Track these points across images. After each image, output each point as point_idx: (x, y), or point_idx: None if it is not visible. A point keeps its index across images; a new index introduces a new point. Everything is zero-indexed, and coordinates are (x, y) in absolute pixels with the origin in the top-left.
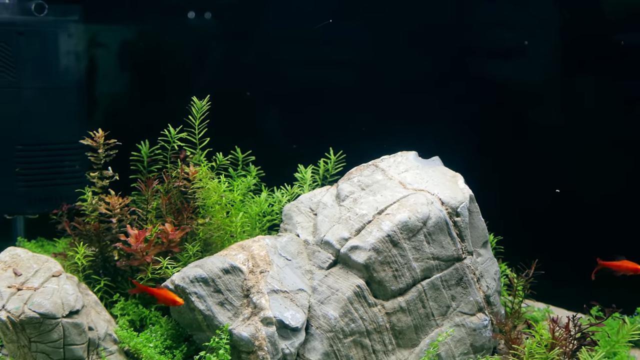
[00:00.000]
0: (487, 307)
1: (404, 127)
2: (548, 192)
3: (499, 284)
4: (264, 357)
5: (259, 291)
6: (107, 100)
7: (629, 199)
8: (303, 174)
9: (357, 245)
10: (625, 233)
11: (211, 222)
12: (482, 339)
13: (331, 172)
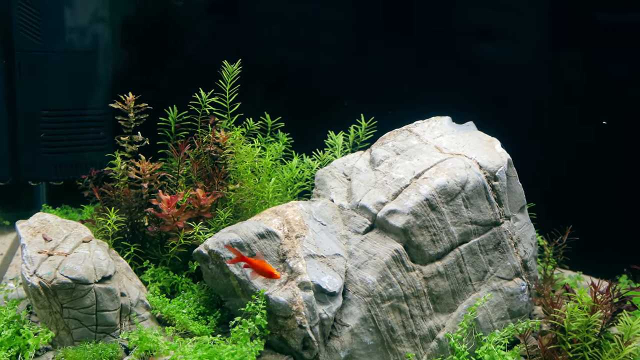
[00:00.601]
0: (524, 272)
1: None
2: (579, 161)
3: (535, 249)
4: (301, 322)
5: (295, 256)
6: (133, 65)
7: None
8: (334, 140)
9: (395, 209)
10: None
11: (242, 187)
12: (520, 304)
13: (361, 139)
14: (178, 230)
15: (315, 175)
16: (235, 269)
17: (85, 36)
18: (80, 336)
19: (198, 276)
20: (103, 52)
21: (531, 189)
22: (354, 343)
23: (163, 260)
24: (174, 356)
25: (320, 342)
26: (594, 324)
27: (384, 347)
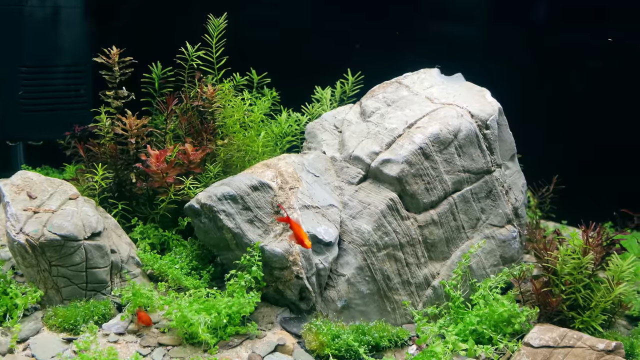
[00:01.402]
0: (516, 219)
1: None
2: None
3: (525, 197)
4: (298, 272)
5: (290, 207)
6: (115, 20)
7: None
8: (321, 94)
9: (389, 158)
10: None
11: (232, 142)
12: (512, 250)
13: (348, 94)
14: (167, 185)
15: (305, 128)
16: (229, 221)
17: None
18: (69, 295)
19: (189, 232)
20: (83, 7)
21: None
22: (350, 292)
23: (152, 218)
24: (169, 310)
25: (317, 293)
26: (586, 266)
27: (380, 295)
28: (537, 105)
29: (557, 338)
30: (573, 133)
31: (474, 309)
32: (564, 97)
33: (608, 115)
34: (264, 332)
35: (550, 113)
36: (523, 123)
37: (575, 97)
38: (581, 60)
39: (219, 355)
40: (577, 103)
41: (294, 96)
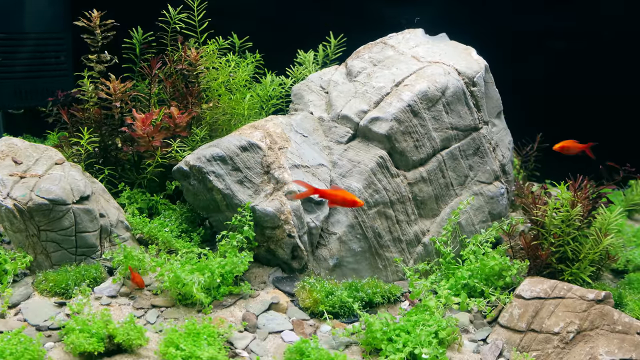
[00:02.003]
0: (503, 175)
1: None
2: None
3: (512, 154)
4: (290, 231)
5: (280, 166)
6: None
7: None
8: (304, 57)
9: (378, 116)
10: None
11: (217, 106)
12: (499, 207)
13: (331, 57)
14: (154, 149)
15: (291, 90)
16: (219, 182)
17: None
18: (59, 259)
19: (177, 196)
20: None
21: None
22: (342, 250)
23: (139, 183)
24: (162, 272)
25: (308, 252)
26: (575, 218)
27: (371, 253)
28: (520, 65)
29: (547, 289)
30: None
31: (465, 264)
32: (547, 55)
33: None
34: (257, 292)
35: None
36: (507, 83)
37: (558, 55)
38: (566, 17)
39: (213, 315)
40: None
41: (276, 60)
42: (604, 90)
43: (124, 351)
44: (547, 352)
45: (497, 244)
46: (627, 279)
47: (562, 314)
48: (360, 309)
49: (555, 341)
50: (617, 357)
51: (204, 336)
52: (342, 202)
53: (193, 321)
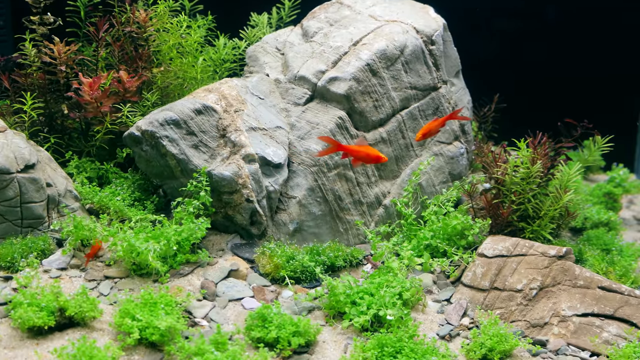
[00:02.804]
0: (462, 135)
1: None
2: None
3: (471, 114)
4: (248, 195)
5: (237, 129)
6: None
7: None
8: (257, 20)
9: (336, 76)
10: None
11: (168, 69)
12: (460, 167)
13: (285, 19)
14: (102, 115)
15: (246, 52)
16: (173, 147)
17: None
18: (3, 232)
19: (128, 164)
20: None
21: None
22: (302, 214)
23: (87, 151)
24: (114, 241)
25: (268, 217)
26: (535, 175)
27: (332, 216)
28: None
29: (510, 247)
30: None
31: (427, 225)
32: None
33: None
34: (216, 259)
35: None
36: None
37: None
38: None
39: (171, 284)
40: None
41: (229, 23)
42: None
43: (76, 324)
44: (510, 310)
45: (458, 204)
46: (585, 235)
47: (524, 271)
48: (322, 273)
49: (518, 298)
50: (580, 311)
51: (161, 305)
52: (366, 157)
53: (149, 290)
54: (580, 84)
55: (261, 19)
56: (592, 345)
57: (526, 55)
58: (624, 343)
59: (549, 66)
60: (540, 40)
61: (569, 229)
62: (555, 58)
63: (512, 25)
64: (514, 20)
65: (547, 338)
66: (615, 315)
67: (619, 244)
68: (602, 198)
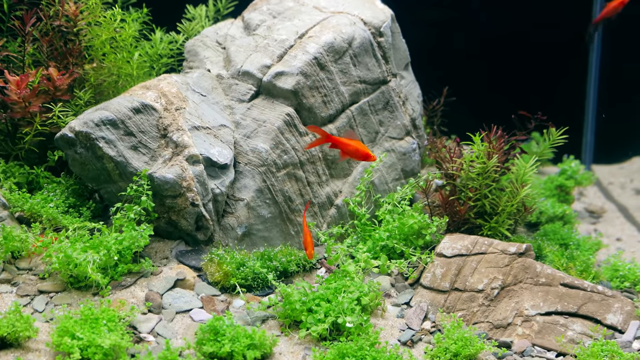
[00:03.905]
0: (414, 130)
1: None
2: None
3: (421, 108)
4: (193, 199)
5: (178, 128)
6: None
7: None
8: (195, 12)
9: (283, 70)
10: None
11: (102, 66)
12: (412, 163)
13: (222, 12)
14: (31, 116)
15: (184, 47)
16: (110, 149)
17: None
18: None
19: (61, 168)
20: None
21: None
22: (251, 218)
23: (15, 154)
24: (49, 252)
25: (214, 221)
26: (492, 170)
27: (282, 218)
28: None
29: (469, 246)
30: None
31: (382, 225)
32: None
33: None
34: (160, 268)
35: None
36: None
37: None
38: None
39: (112, 297)
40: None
41: (165, 17)
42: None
43: (9, 346)
44: (472, 311)
45: (412, 201)
46: (542, 230)
47: (485, 270)
48: (275, 280)
49: (480, 299)
50: (543, 310)
51: (104, 321)
52: (355, 153)
53: (89, 305)
54: (526, 75)
55: (199, 11)
56: (557, 345)
57: (471, 46)
58: (590, 341)
59: (495, 58)
60: (487, 32)
61: (525, 224)
62: (501, 49)
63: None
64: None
65: (512, 339)
66: (579, 312)
67: (576, 237)
68: (555, 191)
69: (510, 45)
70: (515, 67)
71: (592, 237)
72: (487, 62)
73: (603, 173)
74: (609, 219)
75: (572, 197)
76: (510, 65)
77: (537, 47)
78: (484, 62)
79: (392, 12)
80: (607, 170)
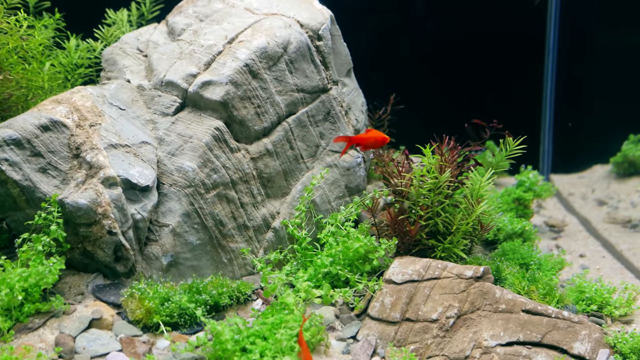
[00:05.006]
0: None
1: None
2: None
3: (366, 117)
4: (110, 226)
5: (93, 147)
6: None
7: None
8: (116, 17)
9: (210, 80)
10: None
11: (8, 78)
12: (357, 179)
13: (147, 16)
14: None
15: (102, 55)
16: (14, 172)
17: None
18: None
19: None
20: None
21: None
22: (177, 245)
23: None
24: None
25: (136, 250)
26: (444, 186)
27: (213, 245)
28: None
29: (421, 270)
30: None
31: (325, 249)
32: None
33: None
34: (74, 306)
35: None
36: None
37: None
38: None
39: (16, 343)
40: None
41: (82, 23)
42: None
43: None
44: (426, 344)
45: (357, 222)
46: (500, 249)
47: (439, 297)
48: (204, 315)
49: (434, 329)
50: (504, 340)
51: None
52: (374, 143)
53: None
54: (480, 82)
55: (120, 16)
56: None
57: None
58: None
59: (447, 63)
60: (440, 36)
61: (482, 242)
62: (454, 54)
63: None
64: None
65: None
66: (543, 342)
67: (537, 256)
68: (512, 205)
69: (463, 51)
70: (469, 74)
71: (554, 255)
72: (439, 67)
73: (563, 183)
74: (570, 233)
75: (531, 211)
76: (463, 72)
77: (492, 53)
78: (436, 68)
79: (331, 13)
80: (567, 180)
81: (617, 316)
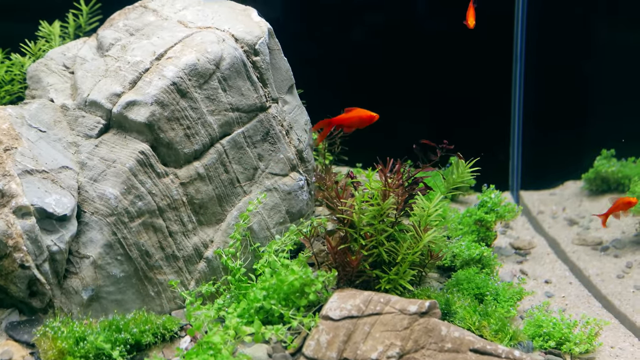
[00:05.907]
0: (301, 164)
1: None
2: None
3: (310, 136)
4: (22, 259)
5: (5, 174)
6: None
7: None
8: (49, 30)
9: (135, 100)
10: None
11: None
12: (299, 203)
13: (84, 28)
14: None
15: (27, 72)
16: None
17: None
18: None
19: None
20: None
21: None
22: (99, 279)
23: None
24: None
25: (53, 284)
26: (388, 212)
27: (139, 277)
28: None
29: (361, 305)
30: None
31: (259, 281)
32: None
33: None
34: None
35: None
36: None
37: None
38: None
39: None
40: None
41: (10, 36)
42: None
43: None
44: None
45: (300, 249)
46: (454, 278)
47: (379, 334)
48: (123, 356)
49: None
50: None
51: None
52: (359, 122)
53: None
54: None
55: (53, 30)
56: None
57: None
58: None
59: (408, 76)
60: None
61: (436, 268)
62: (414, 66)
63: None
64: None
65: None
66: None
67: (495, 285)
68: (474, 226)
69: (425, 62)
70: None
71: (513, 284)
72: (400, 81)
73: (533, 200)
74: (537, 256)
75: (494, 234)
76: (426, 84)
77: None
78: (397, 81)
79: (269, 25)
80: (537, 197)
81: (577, 353)
